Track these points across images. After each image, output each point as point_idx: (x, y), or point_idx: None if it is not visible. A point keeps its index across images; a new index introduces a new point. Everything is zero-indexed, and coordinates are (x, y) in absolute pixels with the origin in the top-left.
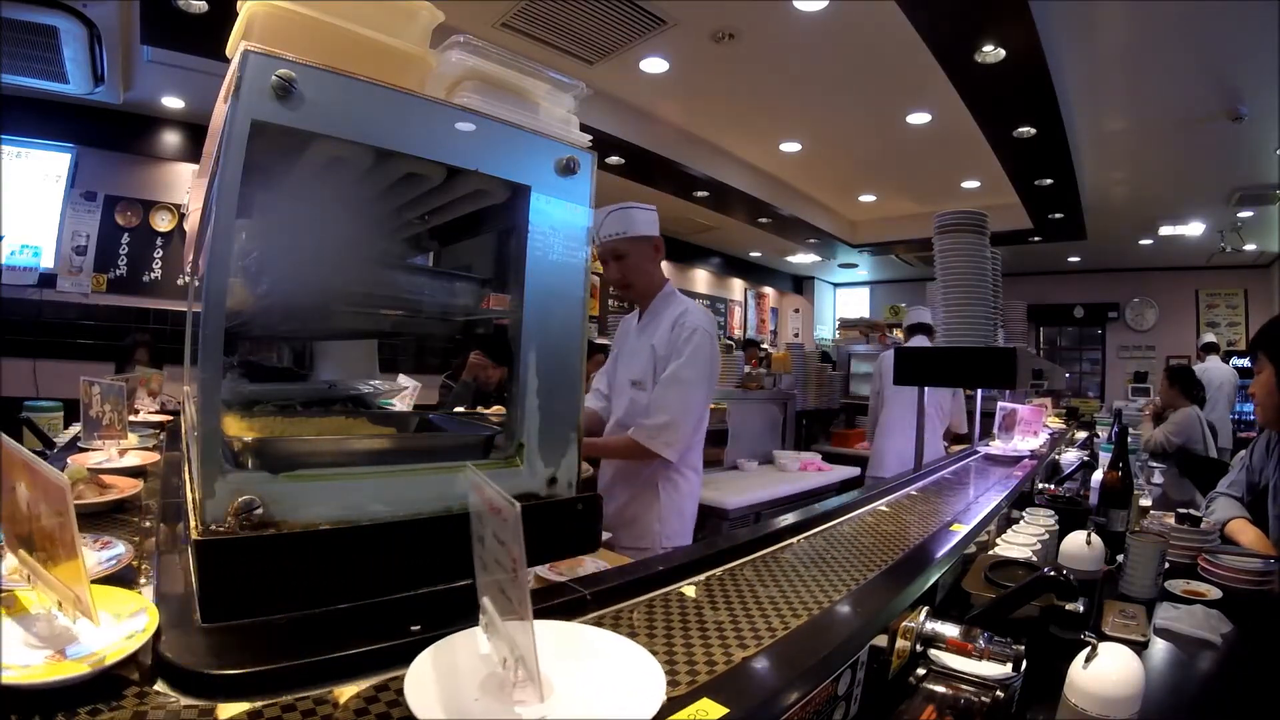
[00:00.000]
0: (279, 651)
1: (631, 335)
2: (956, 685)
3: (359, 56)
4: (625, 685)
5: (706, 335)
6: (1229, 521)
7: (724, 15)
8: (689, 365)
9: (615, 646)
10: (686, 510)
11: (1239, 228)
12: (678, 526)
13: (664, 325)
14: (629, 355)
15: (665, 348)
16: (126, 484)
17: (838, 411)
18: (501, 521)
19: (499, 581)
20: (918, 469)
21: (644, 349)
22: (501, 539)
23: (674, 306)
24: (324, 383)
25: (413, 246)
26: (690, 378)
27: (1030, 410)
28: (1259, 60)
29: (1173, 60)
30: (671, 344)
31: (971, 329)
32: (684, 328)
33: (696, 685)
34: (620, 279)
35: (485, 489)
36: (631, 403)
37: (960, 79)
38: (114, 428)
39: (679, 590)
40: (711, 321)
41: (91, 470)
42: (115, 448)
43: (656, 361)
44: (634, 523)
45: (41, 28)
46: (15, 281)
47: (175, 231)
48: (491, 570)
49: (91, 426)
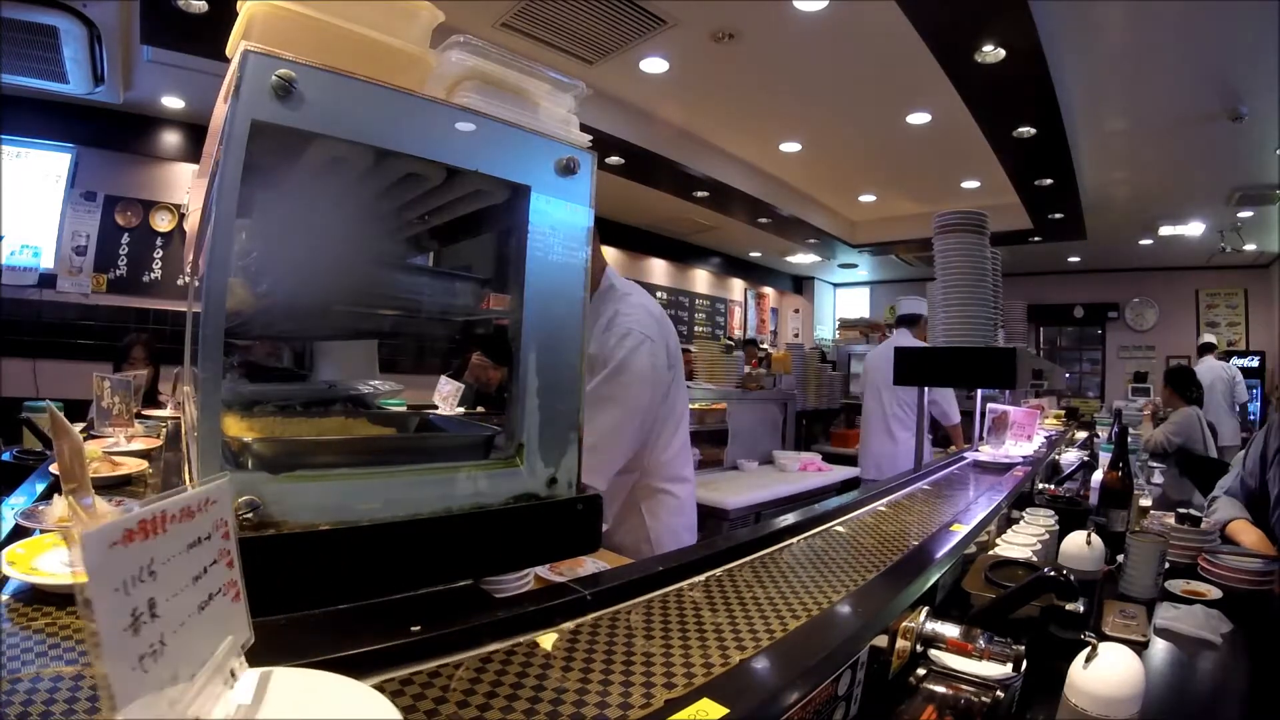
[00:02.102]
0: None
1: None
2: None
3: (359, 56)
4: None
5: (640, 339)
6: (1229, 522)
7: (724, 15)
8: (614, 380)
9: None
10: (680, 526)
11: (1239, 228)
12: (673, 545)
13: (600, 324)
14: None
15: (599, 354)
16: (134, 464)
17: (838, 412)
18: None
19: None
20: (917, 469)
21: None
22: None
23: (611, 301)
24: (324, 383)
25: (413, 246)
26: (615, 395)
27: (1023, 413)
28: (1259, 60)
29: (1173, 60)
30: (602, 349)
31: (971, 329)
32: (615, 330)
33: (697, 685)
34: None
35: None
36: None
37: (960, 79)
38: (122, 417)
39: (679, 590)
40: (651, 319)
41: (105, 452)
42: (124, 434)
43: (594, 370)
44: (622, 550)
45: (41, 28)
46: (15, 281)
47: (175, 231)
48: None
49: (103, 416)
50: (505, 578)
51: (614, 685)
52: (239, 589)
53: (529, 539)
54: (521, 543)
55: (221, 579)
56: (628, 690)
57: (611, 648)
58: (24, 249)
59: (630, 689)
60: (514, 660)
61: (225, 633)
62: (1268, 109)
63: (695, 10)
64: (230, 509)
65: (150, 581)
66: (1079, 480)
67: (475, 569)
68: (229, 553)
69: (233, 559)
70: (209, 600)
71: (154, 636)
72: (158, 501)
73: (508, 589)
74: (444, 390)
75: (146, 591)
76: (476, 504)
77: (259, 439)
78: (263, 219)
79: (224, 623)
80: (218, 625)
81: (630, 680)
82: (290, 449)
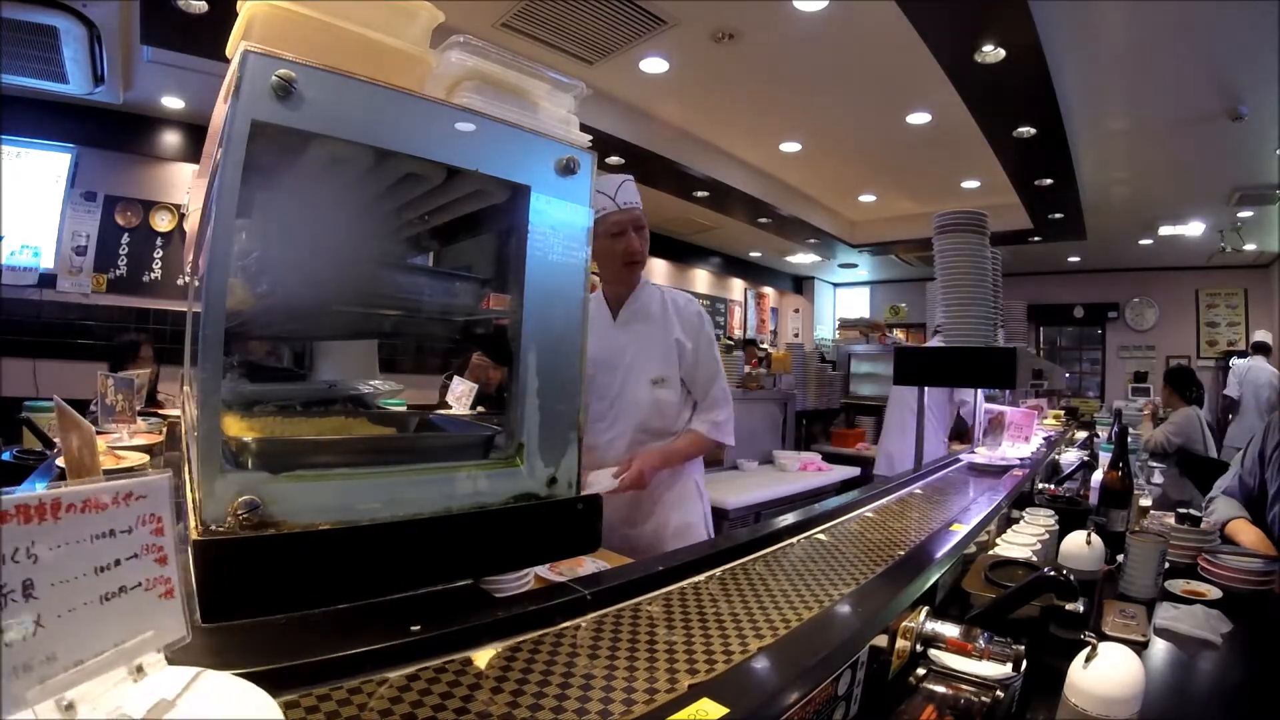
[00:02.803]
0: (279, 651)
1: (605, 331)
2: (956, 685)
3: (359, 56)
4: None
5: (708, 322)
6: (1229, 521)
7: (724, 15)
8: (714, 348)
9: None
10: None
11: (1239, 228)
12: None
13: (666, 314)
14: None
15: (690, 338)
16: (136, 456)
17: (838, 411)
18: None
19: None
20: (917, 469)
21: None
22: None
23: (660, 293)
24: (324, 383)
25: (413, 246)
26: (719, 359)
27: (1021, 414)
28: (1259, 60)
29: (1173, 60)
30: (689, 331)
31: (971, 329)
32: (689, 311)
33: (696, 685)
34: (640, 253)
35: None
36: (656, 404)
37: (960, 79)
38: (125, 414)
39: (680, 590)
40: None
41: (109, 446)
42: (126, 430)
43: (683, 355)
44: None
45: (41, 28)
46: (15, 281)
47: (175, 231)
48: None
49: (107, 412)
50: (505, 577)
51: (616, 684)
52: (172, 587)
53: (529, 539)
54: (521, 542)
55: (145, 574)
56: (629, 689)
57: (613, 647)
58: (24, 249)
59: (632, 688)
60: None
61: (143, 628)
62: (1268, 109)
63: (695, 10)
64: (169, 506)
65: (28, 563)
66: (1079, 480)
67: (475, 569)
68: (161, 549)
69: (166, 556)
70: (120, 593)
71: (27, 615)
72: (56, 489)
73: (508, 589)
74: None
75: (21, 573)
76: (476, 504)
77: (259, 439)
78: (263, 219)
79: (142, 618)
80: (132, 620)
81: (633, 679)
82: (290, 449)
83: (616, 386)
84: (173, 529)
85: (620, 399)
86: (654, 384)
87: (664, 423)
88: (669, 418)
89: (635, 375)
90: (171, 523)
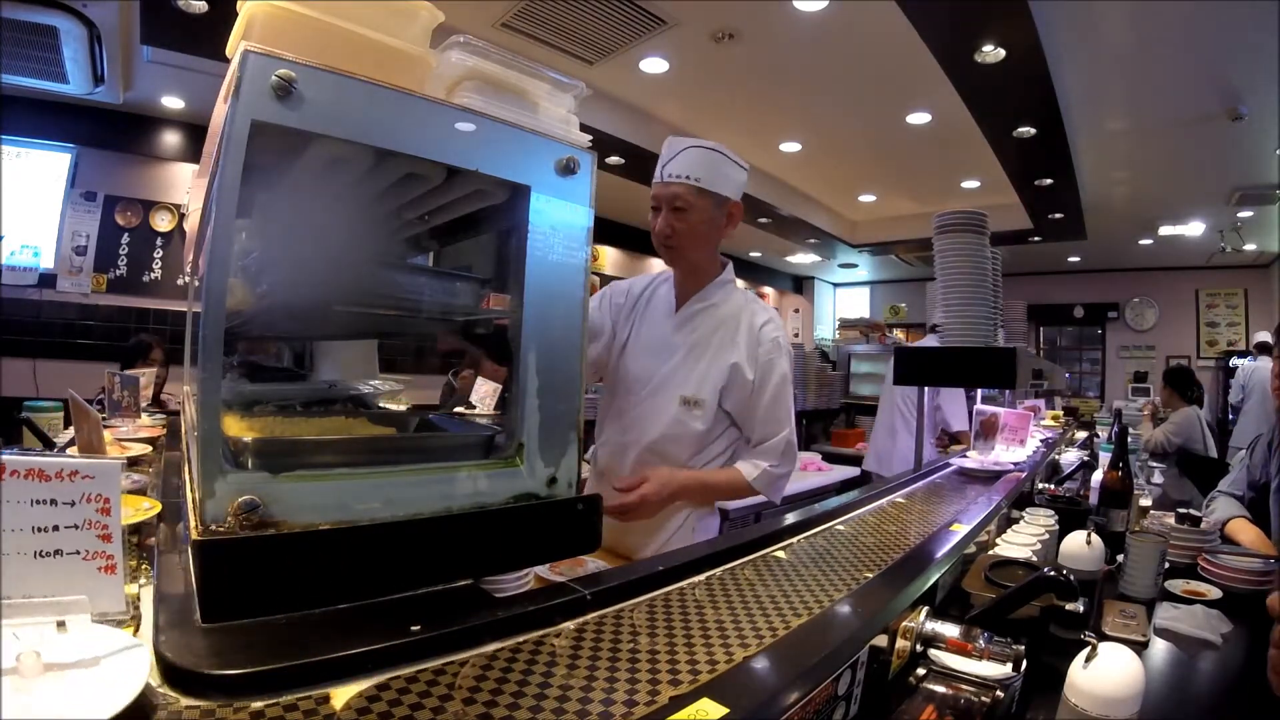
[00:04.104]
0: (279, 652)
1: (660, 321)
2: (956, 685)
3: (359, 56)
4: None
5: (788, 356)
6: (1229, 521)
7: (724, 15)
8: (786, 389)
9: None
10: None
11: (1239, 228)
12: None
13: (735, 331)
14: (659, 350)
15: (751, 368)
16: (140, 448)
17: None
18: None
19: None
20: (917, 468)
21: (705, 356)
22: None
23: (740, 302)
24: (324, 383)
25: (413, 246)
26: (791, 408)
27: (1015, 415)
28: (1259, 60)
29: (1173, 60)
30: (756, 364)
31: (971, 329)
32: (766, 336)
33: (697, 685)
34: (670, 236)
35: None
36: (676, 424)
37: (960, 79)
38: (130, 409)
39: (679, 590)
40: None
41: (115, 438)
42: (131, 424)
43: (735, 383)
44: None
45: (41, 28)
46: (15, 281)
47: (175, 231)
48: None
49: (114, 408)
50: (505, 577)
51: (618, 684)
52: (114, 564)
53: (529, 539)
54: (521, 542)
55: (85, 545)
56: (631, 689)
57: (614, 647)
58: (24, 249)
59: (634, 688)
60: (517, 659)
61: (76, 591)
62: (1268, 109)
63: (695, 10)
64: (117, 492)
65: None
66: (1079, 480)
67: (475, 569)
68: (106, 527)
69: (110, 535)
70: (55, 554)
71: None
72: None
73: (508, 589)
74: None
75: None
76: (476, 504)
77: (259, 439)
78: (263, 219)
79: (75, 582)
80: (64, 580)
81: (634, 679)
82: (290, 449)
83: (633, 381)
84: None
85: (638, 406)
86: (684, 403)
87: (679, 450)
88: (686, 446)
89: (666, 386)
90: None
